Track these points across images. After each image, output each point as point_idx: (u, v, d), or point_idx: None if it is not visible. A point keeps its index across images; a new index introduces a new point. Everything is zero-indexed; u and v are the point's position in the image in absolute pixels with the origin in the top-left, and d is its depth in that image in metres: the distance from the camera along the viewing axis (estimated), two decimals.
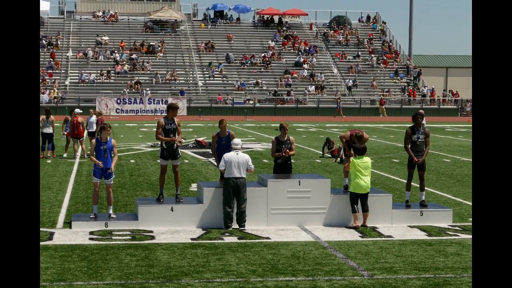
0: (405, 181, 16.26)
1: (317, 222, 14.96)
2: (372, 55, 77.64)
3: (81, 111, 28.45)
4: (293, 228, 14.74)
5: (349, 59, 77.77)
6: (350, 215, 15.07)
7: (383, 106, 69.25)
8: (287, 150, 15.83)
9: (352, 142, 15.63)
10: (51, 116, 27.60)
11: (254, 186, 15.37)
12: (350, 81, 72.28)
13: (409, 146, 15.78)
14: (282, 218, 14.92)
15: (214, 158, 16.63)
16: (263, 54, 76.26)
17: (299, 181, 15.05)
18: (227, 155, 14.79)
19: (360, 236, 14.08)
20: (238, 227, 14.60)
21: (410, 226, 15.07)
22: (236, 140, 15.11)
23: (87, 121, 28.57)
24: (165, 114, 15.35)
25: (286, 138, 16.02)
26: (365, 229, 14.68)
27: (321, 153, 29.35)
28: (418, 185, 16.22)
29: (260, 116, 64.85)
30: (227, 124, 16.03)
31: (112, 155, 14.90)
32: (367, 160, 15.11)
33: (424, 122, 15.53)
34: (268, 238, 13.82)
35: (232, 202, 14.63)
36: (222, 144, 15.75)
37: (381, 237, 14.00)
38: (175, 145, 15.15)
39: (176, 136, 15.15)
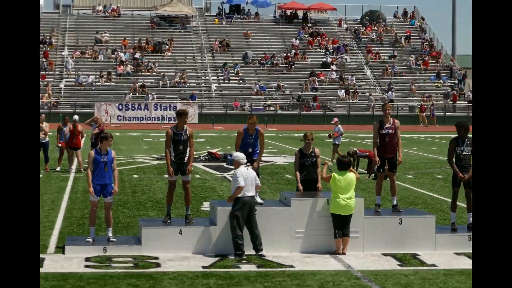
0: (450, 201, 16.12)
1: (348, 248, 14.80)
2: (412, 56, 77.59)
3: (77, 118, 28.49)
4: (321, 254, 14.62)
5: (383, 59, 77.74)
6: (389, 240, 14.97)
7: (424, 114, 69.03)
8: (300, 187, 15.70)
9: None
10: (44, 122, 27.54)
11: (276, 205, 15.30)
12: (393, 93, 71.56)
13: (454, 160, 15.61)
14: (308, 242, 14.81)
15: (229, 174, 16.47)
16: (285, 54, 76.41)
17: (328, 199, 14.91)
18: (242, 171, 14.65)
19: (398, 265, 13.99)
20: (255, 253, 14.46)
21: (457, 253, 14.97)
22: (241, 155, 14.93)
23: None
24: (175, 123, 15.20)
25: (310, 151, 15.89)
26: (405, 257, 14.53)
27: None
28: (465, 205, 16.05)
29: (282, 125, 65.01)
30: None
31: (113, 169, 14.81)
32: (351, 176, 14.93)
33: (469, 135, 15.25)
34: (291, 266, 13.74)
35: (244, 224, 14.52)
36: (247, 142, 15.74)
37: (423, 266, 13.93)
38: (185, 157, 14.98)
39: (188, 148, 14.98)
